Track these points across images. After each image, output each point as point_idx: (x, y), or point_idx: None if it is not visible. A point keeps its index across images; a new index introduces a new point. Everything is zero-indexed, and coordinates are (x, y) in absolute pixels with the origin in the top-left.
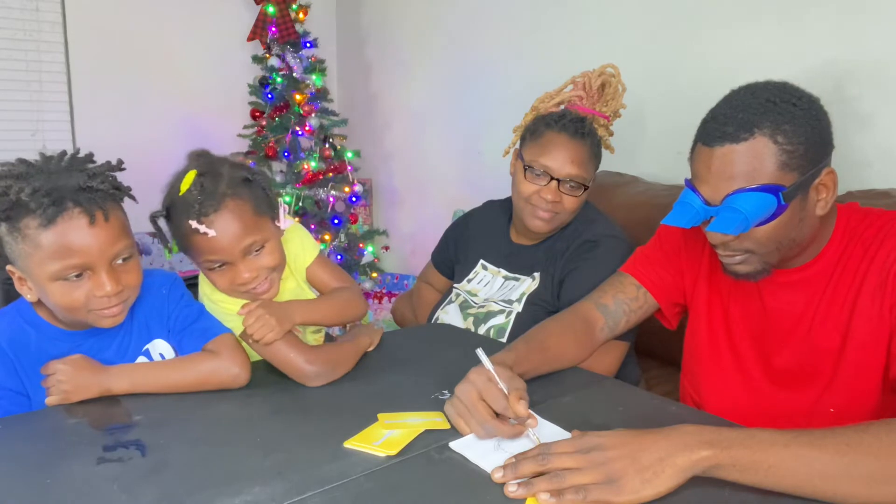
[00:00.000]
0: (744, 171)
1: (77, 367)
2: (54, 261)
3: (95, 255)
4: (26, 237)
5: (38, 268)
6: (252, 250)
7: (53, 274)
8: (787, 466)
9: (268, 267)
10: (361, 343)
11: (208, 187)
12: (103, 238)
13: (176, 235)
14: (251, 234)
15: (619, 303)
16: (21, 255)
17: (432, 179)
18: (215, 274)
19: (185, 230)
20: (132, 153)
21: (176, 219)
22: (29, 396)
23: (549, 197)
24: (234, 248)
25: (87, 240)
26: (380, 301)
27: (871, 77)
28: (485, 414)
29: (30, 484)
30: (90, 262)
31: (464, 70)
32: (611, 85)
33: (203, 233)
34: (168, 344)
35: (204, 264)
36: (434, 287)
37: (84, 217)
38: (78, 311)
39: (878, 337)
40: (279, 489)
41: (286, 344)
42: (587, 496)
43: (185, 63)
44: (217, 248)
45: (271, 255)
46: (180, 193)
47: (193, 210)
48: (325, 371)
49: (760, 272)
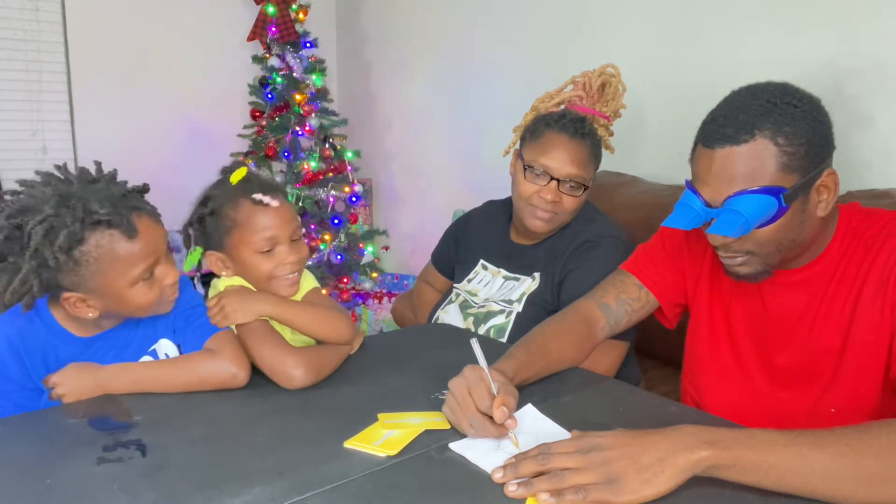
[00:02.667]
0: (744, 173)
1: (75, 374)
2: (137, 265)
3: (161, 248)
4: (101, 256)
5: (116, 279)
6: (296, 236)
7: (135, 278)
8: (787, 466)
9: (304, 257)
10: (344, 346)
11: (263, 176)
12: (160, 233)
13: (219, 228)
14: (295, 221)
15: (620, 302)
16: (90, 275)
17: (432, 179)
18: (262, 258)
19: (241, 213)
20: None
21: (228, 206)
22: (41, 390)
23: (549, 197)
24: (289, 225)
25: (154, 237)
26: (380, 301)
27: (871, 77)
28: (472, 409)
29: (30, 484)
30: (158, 256)
31: (464, 70)
32: (611, 85)
33: (267, 203)
34: (173, 343)
35: (257, 245)
36: (434, 287)
37: (146, 216)
38: (151, 307)
39: (879, 337)
40: (279, 489)
41: (269, 343)
42: (587, 496)
43: (185, 63)
44: (277, 223)
45: (305, 248)
46: (232, 183)
47: (256, 188)
48: (306, 374)
49: (761, 273)
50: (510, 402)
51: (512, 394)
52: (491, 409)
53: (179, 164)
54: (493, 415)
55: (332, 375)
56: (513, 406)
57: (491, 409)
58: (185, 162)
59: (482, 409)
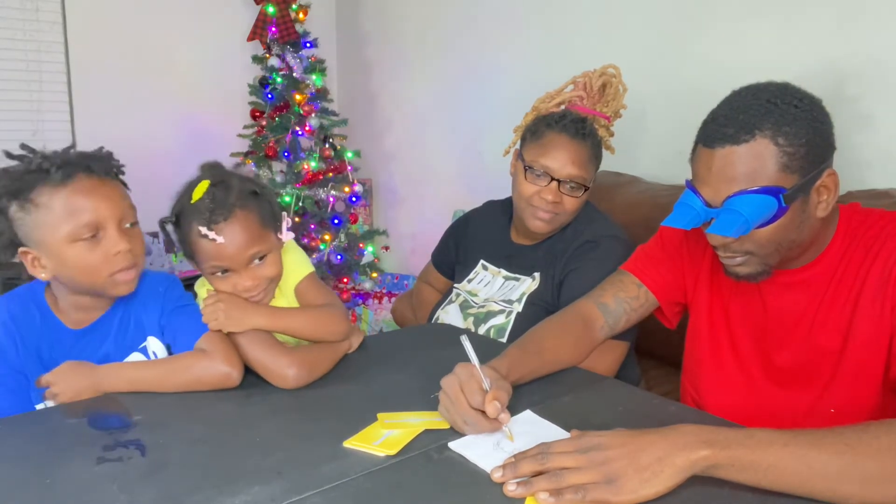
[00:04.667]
0: (744, 173)
1: (70, 372)
2: (69, 221)
3: (105, 212)
4: (39, 205)
5: (53, 233)
6: (254, 260)
7: (69, 235)
8: (786, 466)
9: (268, 277)
10: (340, 345)
11: (219, 197)
12: (112, 197)
13: (183, 241)
14: (256, 245)
15: (619, 302)
16: (35, 226)
17: (432, 179)
18: (218, 280)
19: (193, 236)
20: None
21: (185, 225)
22: (27, 377)
23: (550, 197)
24: (239, 256)
25: (96, 198)
26: (380, 301)
27: (871, 77)
28: (465, 406)
29: (30, 484)
30: (102, 218)
31: (464, 70)
32: (612, 85)
33: (212, 239)
34: (161, 343)
35: (208, 269)
36: (434, 287)
37: (92, 178)
38: (97, 274)
39: (879, 337)
40: (279, 489)
41: (262, 344)
42: (586, 495)
43: (185, 63)
44: (224, 255)
45: (272, 266)
46: (192, 202)
47: (204, 217)
48: (300, 373)
49: (761, 273)
50: (502, 397)
51: (504, 388)
52: (483, 405)
53: (179, 163)
54: (486, 409)
55: (331, 375)
56: (504, 400)
57: (483, 404)
58: (184, 162)
59: (474, 405)
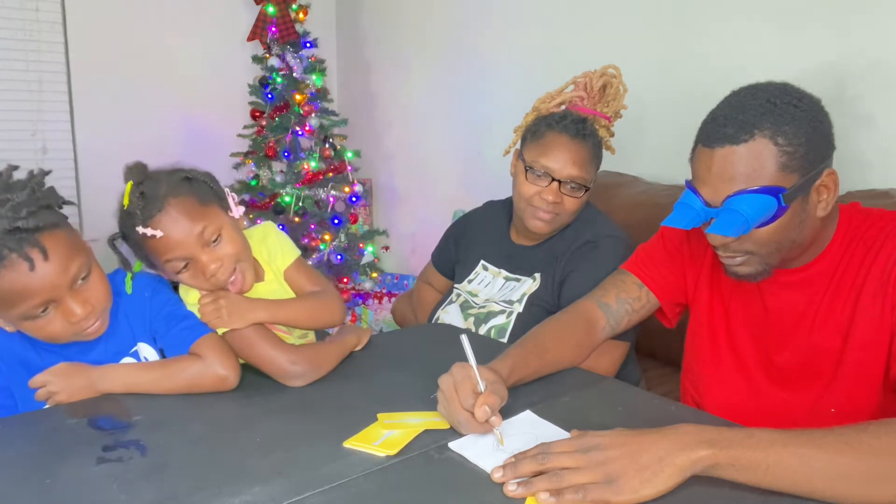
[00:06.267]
0: (744, 173)
1: (66, 372)
2: (14, 307)
3: (50, 290)
4: None
5: (4, 314)
6: (209, 240)
7: (20, 316)
8: (787, 466)
9: (230, 255)
10: (347, 343)
11: (149, 192)
12: (51, 272)
13: (138, 253)
14: (200, 222)
15: (621, 302)
16: None
17: (432, 179)
18: (186, 276)
19: (139, 240)
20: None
21: (129, 234)
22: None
23: (550, 198)
24: (187, 240)
25: (36, 280)
26: (380, 301)
27: (871, 78)
28: (457, 406)
29: (30, 484)
30: (49, 297)
31: (464, 70)
32: (612, 86)
33: (151, 235)
34: (152, 348)
35: (169, 268)
36: (434, 287)
37: (33, 251)
38: (61, 339)
39: (879, 337)
40: (279, 489)
41: (267, 343)
42: (586, 495)
43: (185, 63)
44: (171, 245)
45: (231, 243)
46: (125, 207)
47: (138, 217)
48: (307, 371)
49: (761, 273)
50: (492, 401)
51: (498, 393)
52: (472, 408)
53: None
54: (475, 413)
55: (331, 375)
56: (495, 405)
57: (472, 407)
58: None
59: (466, 407)
